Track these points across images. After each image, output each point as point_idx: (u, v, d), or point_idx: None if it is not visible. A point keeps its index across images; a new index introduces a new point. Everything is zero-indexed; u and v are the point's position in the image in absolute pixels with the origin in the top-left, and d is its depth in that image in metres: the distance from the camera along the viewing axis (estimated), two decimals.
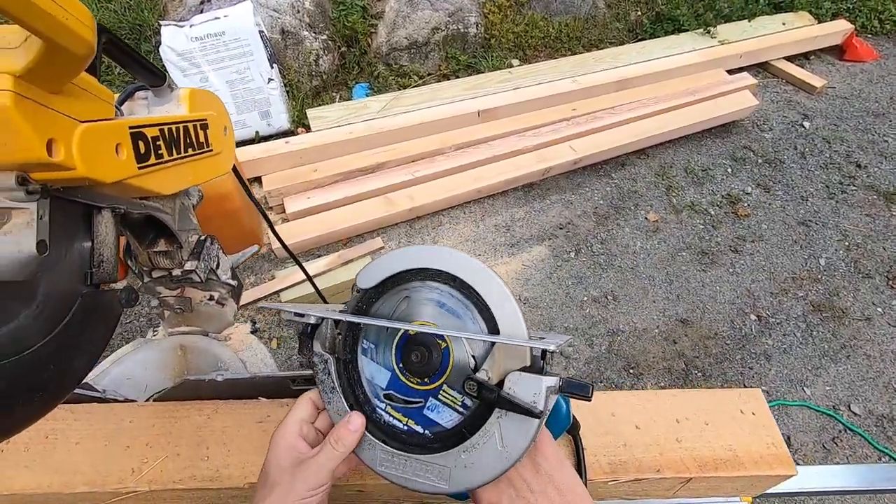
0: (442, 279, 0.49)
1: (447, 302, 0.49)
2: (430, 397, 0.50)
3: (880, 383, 2.05)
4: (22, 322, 0.52)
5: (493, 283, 0.47)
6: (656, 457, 0.63)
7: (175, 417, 0.67)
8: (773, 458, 0.63)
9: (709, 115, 3.07)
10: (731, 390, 0.70)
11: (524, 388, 0.44)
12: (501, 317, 0.46)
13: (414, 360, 0.50)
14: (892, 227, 2.65)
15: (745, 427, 0.66)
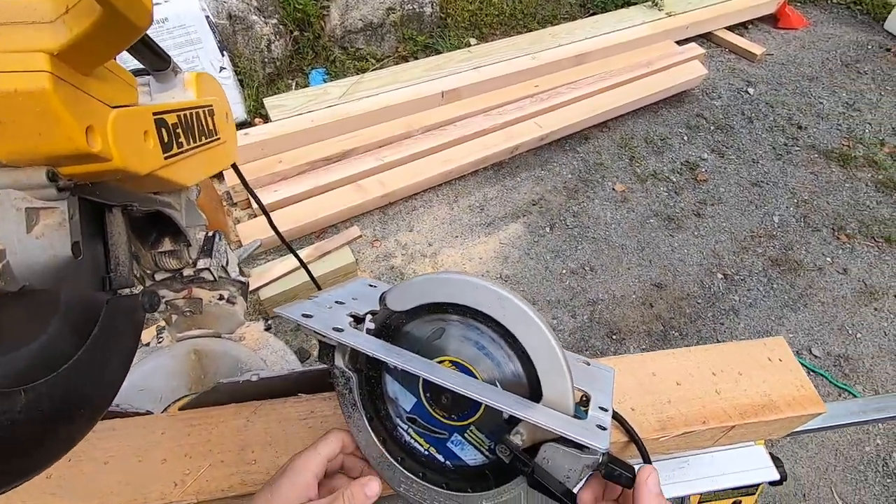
0: (485, 320, 0.44)
1: (487, 346, 0.45)
2: (456, 433, 0.48)
3: (835, 326, 2.23)
4: (52, 335, 0.47)
5: (543, 340, 0.41)
6: (700, 409, 0.66)
7: (211, 424, 0.63)
8: (805, 398, 0.67)
9: (664, 86, 3.18)
10: (757, 341, 0.73)
11: (559, 463, 0.41)
12: (547, 381, 0.42)
13: (443, 401, 0.47)
14: (833, 182, 2.86)
15: (775, 373, 0.70)
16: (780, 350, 0.72)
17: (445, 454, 0.49)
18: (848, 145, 3.09)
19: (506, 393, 0.44)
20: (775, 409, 0.66)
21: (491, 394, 0.42)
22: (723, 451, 0.87)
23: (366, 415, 0.50)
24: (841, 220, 2.66)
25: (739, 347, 0.73)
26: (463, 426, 0.47)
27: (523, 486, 0.44)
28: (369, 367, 0.51)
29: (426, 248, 2.41)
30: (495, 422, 0.46)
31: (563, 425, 0.40)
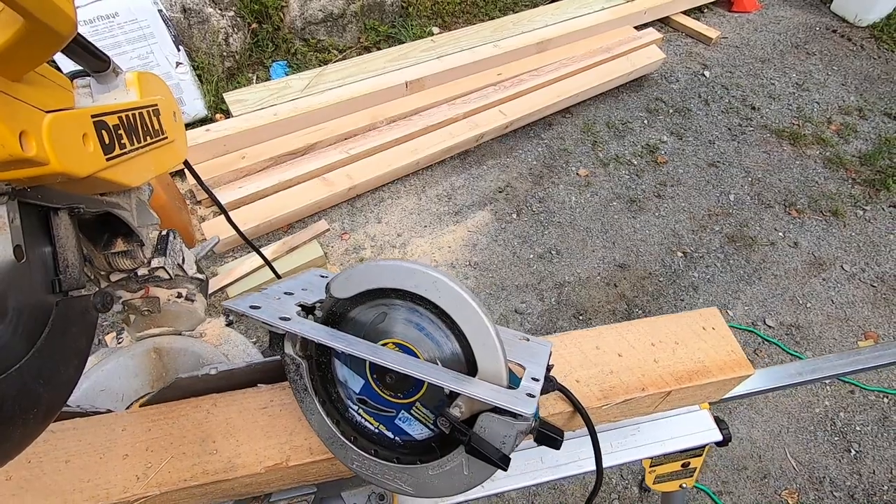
0: (423, 303, 0.46)
1: (427, 327, 0.47)
2: (402, 410, 0.50)
3: (787, 297, 2.35)
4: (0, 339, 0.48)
5: (476, 320, 0.44)
6: (639, 378, 0.70)
7: (172, 418, 0.65)
8: (734, 363, 0.73)
9: (624, 71, 3.24)
10: (693, 312, 0.78)
11: (495, 431, 0.44)
12: (482, 356, 0.45)
13: (388, 381, 0.50)
14: (784, 160, 2.99)
15: (709, 341, 0.75)
16: (713, 320, 0.78)
17: (394, 431, 0.51)
18: (798, 124, 3.22)
19: (444, 370, 0.47)
20: (708, 373, 0.72)
21: (430, 371, 0.45)
22: (671, 416, 0.93)
23: (318, 398, 0.53)
24: (792, 196, 2.79)
25: (677, 319, 0.78)
26: (409, 403, 0.50)
27: (464, 454, 0.47)
28: (319, 354, 0.53)
29: (395, 238, 2.43)
30: (438, 397, 0.49)
31: (493, 395, 0.43)
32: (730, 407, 2.00)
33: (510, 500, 1.77)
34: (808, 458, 1.91)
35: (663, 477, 0.99)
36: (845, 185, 2.86)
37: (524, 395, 0.44)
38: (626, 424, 0.91)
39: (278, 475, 0.64)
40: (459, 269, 2.33)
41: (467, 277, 2.31)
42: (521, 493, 1.77)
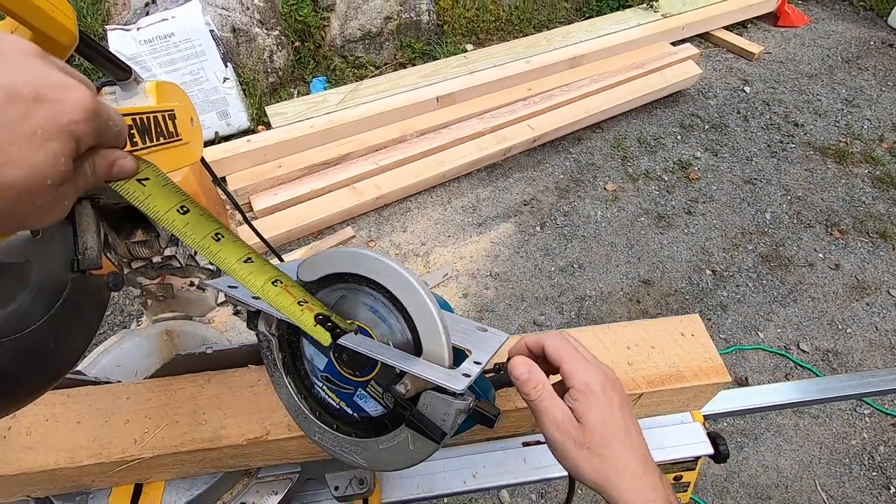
0: (377, 288, 0.50)
1: (380, 309, 0.51)
2: (360, 388, 0.54)
3: (824, 322, 2.23)
4: (20, 305, 0.56)
5: (423, 305, 0.47)
6: None
7: (170, 390, 0.71)
8: (710, 369, 0.73)
9: (657, 87, 3.21)
10: (673, 318, 0.79)
11: (436, 408, 0.48)
12: (426, 339, 0.48)
13: (344, 358, 0.54)
14: (828, 179, 2.85)
15: (686, 347, 0.75)
16: (693, 326, 0.78)
17: (353, 407, 0.56)
18: (845, 142, 3.07)
19: (392, 349, 0.50)
20: (682, 378, 0.72)
21: (375, 348, 0.49)
22: (659, 426, 0.92)
23: (287, 374, 0.58)
24: (835, 216, 2.66)
25: (656, 324, 0.78)
26: (365, 381, 0.54)
27: (409, 430, 0.51)
28: (290, 333, 0.58)
29: (419, 247, 2.49)
30: (390, 376, 0.53)
31: (428, 372, 0.47)
32: (756, 433, 1.92)
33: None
34: (842, 493, 1.79)
35: None
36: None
37: (459, 375, 0.47)
38: None
39: (259, 449, 0.69)
40: (480, 279, 2.36)
41: (487, 288, 2.33)
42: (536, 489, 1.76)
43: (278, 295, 0.46)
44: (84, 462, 0.65)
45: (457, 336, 0.55)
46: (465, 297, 2.29)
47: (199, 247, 0.39)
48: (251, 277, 0.44)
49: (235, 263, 0.42)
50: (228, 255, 0.41)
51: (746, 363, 2.11)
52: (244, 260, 0.42)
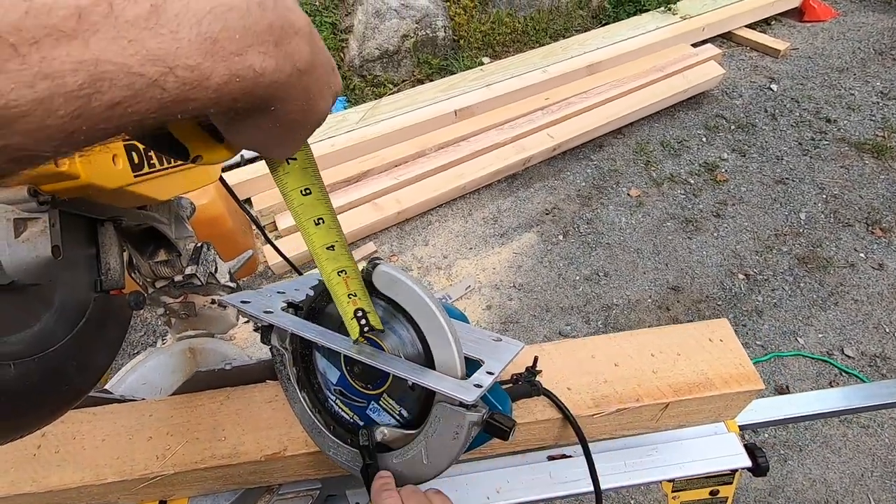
0: (386, 300, 0.50)
1: (391, 322, 0.51)
2: (373, 401, 0.54)
3: (870, 325, 2.11)
4: (44, 324, 0.57)
5: (431, 317, 0.47)
6: (635, 388, 0.69)
7: (191, 407, 0.72)
8: (741, 376, 0.69)
9: (679, 89, 3.15)
10: (700, 323, 0.76)
11: (448, 421, 0.47)
12: (437, 350, 0.48)
13: (356, 371, 0.53)
14: (866, 175, 2.73)
15: (714, 353, 0.72)
16: (721, 331, 0.74)
17: (366, 421, 0.55)
18: (883, 136, 2.94)
19: (403, 361, 0.50)
20: (711, 386, 0.69)
21: (388, 361, 0.49)
22: (692, 438, 0.88)
23: (301, 388, 0.58)
24: (876, 213, 2.53)
25: (682, 330, 0.75)
26: (377, 394, 0.53)
27: (423, 443, 0.50)
28: (303, 346, 0.58)
29: (441, 260, 2.48)
30: (402, 388, 0.52)
31: (439, 383, 0.45)
32: (800, 444, 1.81)
33: None
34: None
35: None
36: None
37: (471, 386, 0.46)
38: (642, 444, 0.87)
39: (278, 464, 0.69)
40: (503, 291, 2.33)
41: (511, 299, 2.30)
42: None
43: (337, 284, 0.47)
44: (108, 479, 0.66)
45: (470, 346, 0.54)
46: (489, 309, 2.27)
47: (301, 226, 0.42)
48: (325, 263, 0.45)
49: (319, 248, 0.44)
50: (318, 238, 0.43)
51: (786, 371, 2.01)
52: (328, 247, 0.44)
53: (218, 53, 0.21)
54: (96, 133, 0.20)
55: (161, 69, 0.20)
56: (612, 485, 0.81)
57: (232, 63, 0.21)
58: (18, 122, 0.18)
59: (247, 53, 0.22)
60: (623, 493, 1.72)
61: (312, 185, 0.40)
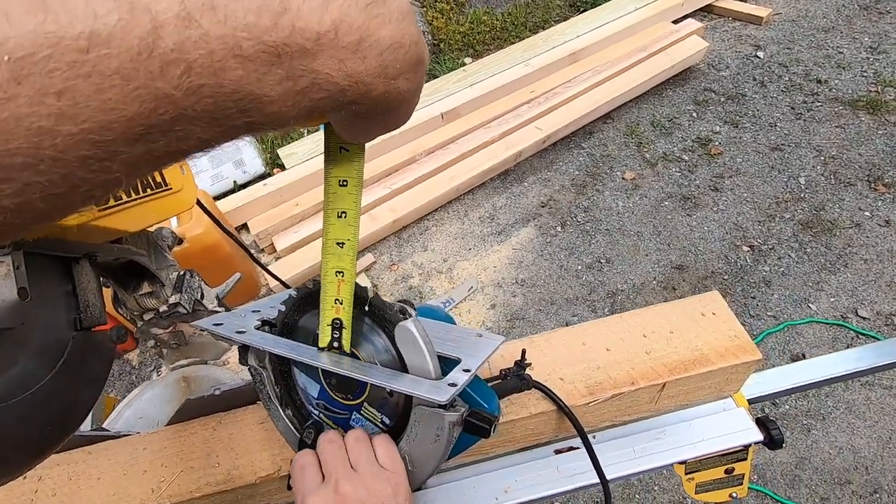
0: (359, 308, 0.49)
1: (362, 328, 0.50)
2: (354, 412, 0.53)
3: (882, 283, 2.07)
4: (22, 367, 0.57)
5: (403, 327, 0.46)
6: (629, 371, 0.67)
7: (184, 436, 0.71)
8: (737, 348, 0.67)
9: (664, 67, 3.12)
10: (690, 298, 0.74)
11: (428, 424, 0.46)
12: (407, 353, 0.47)
13: (333, 383, 0.53)
14: (862, 132, 2.68)
15: (708, 328, 0.70)
16: (713, 305, 0.72)
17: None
18: (876, 91, 2.89)
19: (377, 368, 0.49)
20: (707, 361, 0.67)
21: (361, 370, 0.48)
22: (700, 417, 0.86)
23: (283, 405, 0.57)
24: (877, 170, 2.49)
25: (673, 307, 0.73)
26: (358, 404, 0.52)
27: (406, 450, 0.48)
28: (282, 363, 0.57)
29: (441, 264, 2.47)
30: (381, 396, 0.51)
31: (413, 387, 0.44)
32: (822, 412, 1.77)
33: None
34: None
35: (706, 486, 0.91)
36: None
37: (445, 385, 0.45)
38: (649, 428, 0.85)
39: (274, 485, 0.68)
40: (506, 288, 2.32)
41: (515, 295, 2.28)
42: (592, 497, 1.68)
43: (331, 283, 0.46)
44: None
45: (449, 345, 0.52)
46: (494, 308, 2.25)
47: (325, 215, 0.43)
48: (329, 258, 0.45)
49: (331, 241, 0.44)
50: (334, 231, 0.43)
51: (801, 339, 1.97)
52: (339, 242, 0.44)
53: (384, 76, 0.28)
54: (300, 119, 0.28)
55: (349, 83, 0.27)
56: (623, 472, 0.79)
57: (389, 84, 0.29)
58: (266, 106, 0.25)
59: (399, 78, 0.29)
60: (645, 480, 1.69)
61: (351, 178, 0.41)
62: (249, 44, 0.23)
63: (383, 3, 0.28)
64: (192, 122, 0.24)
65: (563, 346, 0.71)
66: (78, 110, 0.20)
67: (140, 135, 0.22)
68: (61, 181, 0.21)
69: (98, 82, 0.20)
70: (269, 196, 2.74)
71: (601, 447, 0.83)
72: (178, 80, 0.22)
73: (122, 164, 0.23)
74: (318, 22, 0.25)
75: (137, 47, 0.21)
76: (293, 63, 0.25)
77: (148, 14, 0.21)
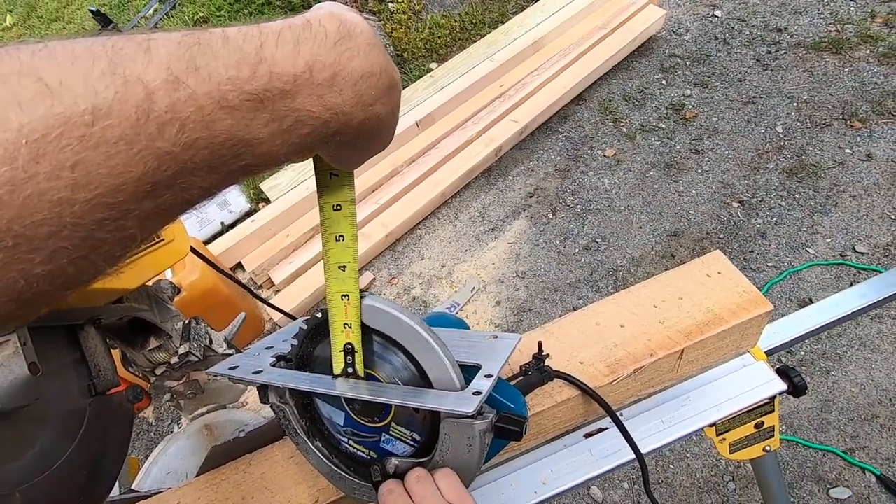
0: (367, 330, 0.48)
1: (379, 350, 0.49)
2: (383, 433, 0.52)
3: (874, 216, 2.09)
4: (43, 443, 0.56)
5: (413, 333, 0.45)
6: (646, 343, 0.67)
7: (215, 484, 0.71)
8: (748, 302, 0.68)
9: (626, 41, 3.15)
10: (694, 261, 0.74)
11: (459, 436, 0.45)
12: (429, 367, 0.46)
13: (357, 408, 0.52)
14: (830, 73, 2.71)
15: (716, 288, 0.70)
16: (718, 264, 0.73)
17: (383, 454, 0.53)
18: (836, 30, 2.93)
19: (399, 388, 0.48)
20: (721, 321, 0.67)
21: (382, 392, 0.47)
22: (721, 378, 0.86)
23: (311, 438, 0.56)
24: (850, 107, 2.52)
25: (677, 273, 0.74)
26: (385, 426, 0.52)
27: (440, 465, 0.48)
28: (303, 396, 0.57)
29: (440, 270, 2.47)
30: (407, 413, 0.50)
31: (438, 402, 0.44)
32: (838, 353, 1.78)
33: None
34: None
35: (738, 444, 0.91)
36: None
37: (470, 394, 0.44)
38: (673, 397, 0.85)
39: None
40: (508, 283, 2.32)
41: (518, 289, 2.29)
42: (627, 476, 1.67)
43: (337, 308, 0.46)
44: None
45: (465, 352, 0.52)
46: (499, 305, 2.25)
47: (324, 241, 0.44)
48: (333, 283, 0.45)
49: (333, 265, 0.44)
50: (335, 255, 0.44)
51: (805, 284, 1.98)
52: (340, 266, 0.44)
53: (361, 104, 0.30)
54: (290, 155, 0.30)
55: (331, 115, 0.29)
56: (656, 445, 0.80)
57: (367, 111, 0.31)
58: (256, 148, 0.27)
59: (375, 104, 0.31)
60: (676, 448, 1.69)
61: (344, 202, 0.42)
62: (234, 94, 0.25)
63: (350, 38, 0.30)
64: (192, 173, 0.26)
65: (577, 329, 0.71)
66: (90, 178, 0.22)
67: (148, 192, 0.24)
68: (82, 244, 0.23)
69: (105, 150, 0.22)
70: (258, 231, 2.73)
71: (630, 424, 0.83)
72: (175, 138, 0.24)
73: (135, 221, 0.25)
74: (293, 65, 0.27)
75: (136, 114, 0.23)
76: (276, 105, 0.27)
77: (140, 84, 0.23)
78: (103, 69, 0.22)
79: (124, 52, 0.23)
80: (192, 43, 0.25)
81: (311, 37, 0.28)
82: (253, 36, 0.27)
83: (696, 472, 1.64)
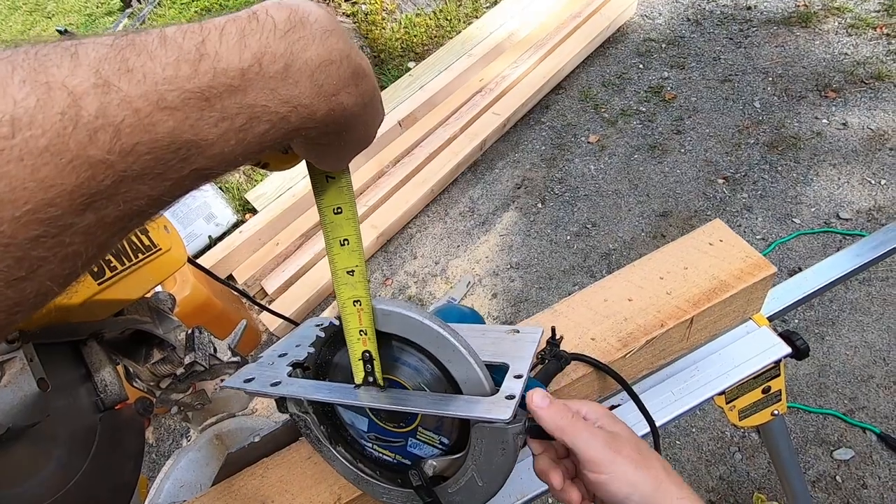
0: (386, 336, 0.47)
1: (402, 357, 0.48)
2: (409, 437, 0.51)
3: (854, 183, 2.13)
4: (58, 461, 0.55)
5: (438, 338, 0.44)
6: (655, 315, 0.68)
7: (233, 491, 0.70)
8: (752, 266, 0.68)
9: (601, 28, 3.18)
10: (696, 231, 0.75)
11: (492, 438, 0.44)
12: (456, 371, 0.45)
13: (382, 415, 0.51)
14: (801, 47, 2.77)
15: (719, 255, 0.71)
16: (718, 232, 0.74)
17: (410, 458, 0.52)
18: (804, 4, 2.99)
19: (426, 396, 0.46)
20: (727, 287, 0.68)
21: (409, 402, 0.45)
22: (726, 346, 0.87)
23: (335, 444, 0.55)
24: (823, 78, 2.57)
25: (681, 244, 0.75)
26: (413, 430, 0.51)
27: (472, 467, 0.47)
28: (324, 404, 0.55)
29: (434, 267, 2.47)
30: (435, 417, 0.49)
31: (469, 410, 0.43)
32: (830, 318, 1.82)
33: None
34: None
35: (747, 410, 0.93)
36: (879, 44, 2.59)
37: (502, 399, 0.43)
38: (682, 368, 0.86)
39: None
40: (503, 275, 2.32)
41: (513, 280, 2.29)
42: None
43: (351, 315, 0.45)
44: None
45: (489, 350, 0.50)
46: (496, 297, 2.26)
47: (328, 246, 0.42)
48: (343, 289, 0.44)
49: (340, 271, 0.43)
50: (341, 261, 0.42)
51: (793, 254, 2.02)
52: (348, 271, 0.43)
53: (322, 95, 0.29)
54: (249, 156, 0.28)
55: (289, 108, 0.28)
56: (668, 417, 0.80)
57: (331, 101, 0.29)
58: (207, 150, 0.25)
59: (340, 94, 0.30)
60: (681, 423, 1.72)
61: (344, 204, 0.41)
62: (173, 94, 0.24)
63: (303, 26, 0.28)
64: (135, 181, 0.24)
65: (586, 307, 0.72)
66: (17, 194, 0.20)
67: (86, 204, 0.22)
68: (17, 265, 0.21)
69: (31, 163, 0.20)
70: (247, 242, 2.70)
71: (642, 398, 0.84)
72: (109, 144, 0.22)
73: (77, 236, 0.23)
74: (239, 59, 0.26)
75: (61, 122, 0.21)
76: (224, 103, 0.25)
77: (64, 90, 0.21)
78: (23, 77, 0.21)
79: (48, 57, 0.22)
80: (124, 45, 0.23)
81: (257, 28, 0.27)
82: (193, 32, 0.25)
83: (703, 446, 1.66)
